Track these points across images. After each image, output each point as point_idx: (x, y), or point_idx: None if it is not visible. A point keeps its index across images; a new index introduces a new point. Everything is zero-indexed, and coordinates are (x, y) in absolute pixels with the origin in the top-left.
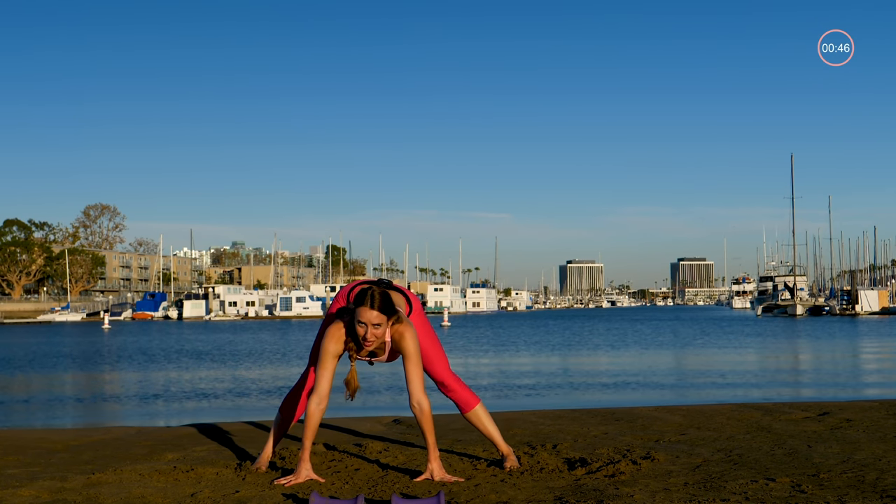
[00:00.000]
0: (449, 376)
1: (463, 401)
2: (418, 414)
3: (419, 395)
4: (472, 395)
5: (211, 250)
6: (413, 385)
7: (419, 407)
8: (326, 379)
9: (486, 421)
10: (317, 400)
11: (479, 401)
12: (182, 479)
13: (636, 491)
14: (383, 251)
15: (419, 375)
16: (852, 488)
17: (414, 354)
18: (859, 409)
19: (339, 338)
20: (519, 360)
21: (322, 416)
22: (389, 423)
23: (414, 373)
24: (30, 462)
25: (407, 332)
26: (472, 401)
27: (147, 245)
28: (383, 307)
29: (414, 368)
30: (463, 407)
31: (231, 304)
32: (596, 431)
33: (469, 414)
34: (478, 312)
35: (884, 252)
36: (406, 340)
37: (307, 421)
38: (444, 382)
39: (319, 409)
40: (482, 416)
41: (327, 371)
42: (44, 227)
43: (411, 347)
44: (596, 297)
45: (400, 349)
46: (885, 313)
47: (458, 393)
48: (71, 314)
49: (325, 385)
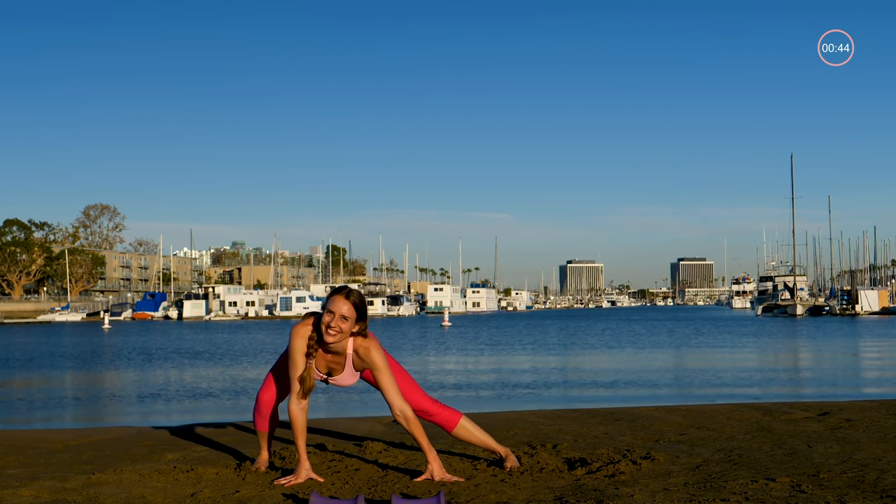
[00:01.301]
0: (427, 402)
1: (445, 420)
2: (404, 423)
3: (400, 404)
4: (452, 412)
5: (211, 250)
6: (390, 395)
7: (403, 415)
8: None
9: (475, 431)
10: (295, 401)
11: (462, 415)
12: (182, 479)
13: (636, 491)
14: (383, 251)
15: (394, 385)
16: (852, 488)
17: (384, 366)
18: (859, 409)
19: (304, 334)
20: (519, 360)
21: (307, 416)
22: (389, 423)
23: (388, 383)
24: (30, 462)
25: (372, 345)
26: (454, 417)
27: (147, 245)
28: (357, 303)
29: (387, 379)
30: (447, 426)
31: (231, 304)
32: (596, 431)
33: (455, 431)
34: (478, 312)
35: (884, 252)
36: (373, 354)
37: (293, 424)
38: (424, 409)
39: (301, 409)
40: (469, 428)
41: (300, 370)
42: (44, 227)
43: (380, 360)
44: (596, 297)
45: (368, 363)
46: (885, 313)
47: (439, 415)
48: (71, 314)
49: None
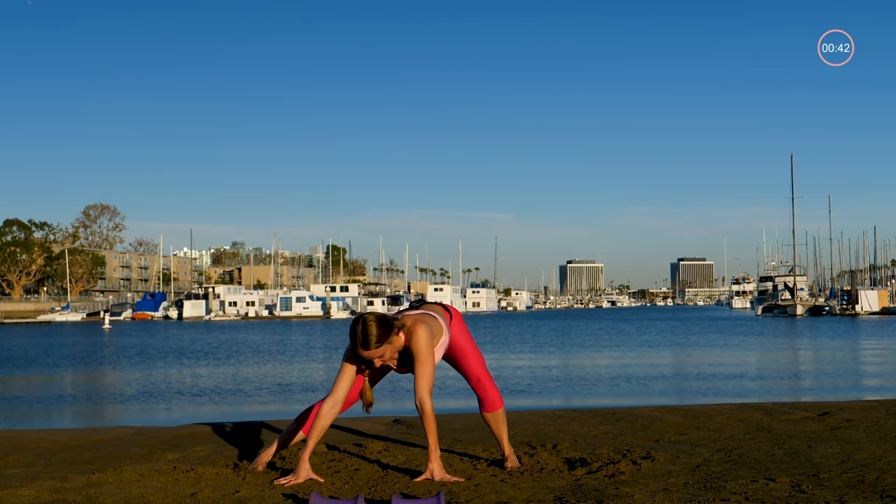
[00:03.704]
0: (484, 374)
1: (491, 399)
2: (420, 412)
3: (423, 394)
4: (499, 396)
5: (211, 250)
6: (419, 383)
7: (421, 406)
8: (344, 385)
9: (503, 424)
10: (331, 403)
11: (503, 405)
12: (182, 479)
13: (636, 491)
14: (383, 251)
15: (426, 375)
16: (852, 488)
17: (423, 354)
18: (859, 409)
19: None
20: (518, 360)
21: (333, 420)
22: (389, 423)
23: (422, 372)
24: (30, 462)
25: (419, 331)
26: (498, 403)
27: (147, 245)
28: (378, 340)
29: (422, 368)
30: (489, 406)
31: (231, 304)
32: (596, 431)
33: (492, 414)
34: (478, 312)
35: (884, 252)
36: (417, 340)
37: (318, 420)
38: (479, 378)
39: (332, 412)
40: (502, 418)
41: (346, 378)
42: (44, 227)
43: (422, 347)
44: (596, 297)
45: (410, 347)
46: (885, 313)
47: (488, 391)
48: (71, 314)
49: (341, 390)
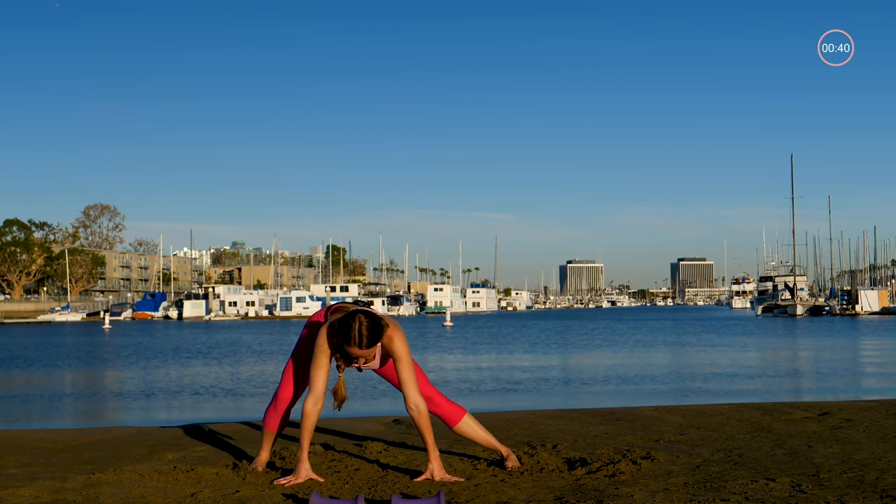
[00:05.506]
0: (432, 391)
1: (448, 414)
2: (416, 416)
3: (415, 398)
4: (457, 407)
5: (211, 250)
6: (408, 387)
7: (416, 409)
8: (321, 378)
9: (478, 429)
10: (313, 400)
11: (466, 411)
12: (182, 479)
13: (636, 491)
14: (383, 251)
15: (413, 377)
16: (852, 488)
17: (405, 357)
18: (859, 409)
19: (331, 342)
20: (519, 360)
21: (318, 416)
22: (389, 424)
23: (408, 375)
24: (30, 462)
25: (396, 334)
26: (458, 413)
27: (147, 245)
28: (371, 341)
29: (407, 371)
30: (450, 420)
31: (231, 304)
32: (596, 431)
33: (458, 427)
34: (478, 312)
35: (884, 252)
36: (396, 343)
37: (304, 421)
38: (429, 397)
39: (316, 409)
40: (472, 425)
41: (322, 370)
42: (44, 227)
43: (402, 350)
44: (596, 297)
45: (390, 352)
46: (885, 313)
47: (442, 407)
48: (71, 314)
49: (320, 385)
